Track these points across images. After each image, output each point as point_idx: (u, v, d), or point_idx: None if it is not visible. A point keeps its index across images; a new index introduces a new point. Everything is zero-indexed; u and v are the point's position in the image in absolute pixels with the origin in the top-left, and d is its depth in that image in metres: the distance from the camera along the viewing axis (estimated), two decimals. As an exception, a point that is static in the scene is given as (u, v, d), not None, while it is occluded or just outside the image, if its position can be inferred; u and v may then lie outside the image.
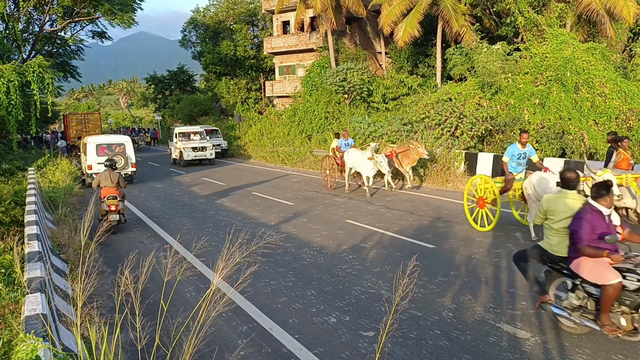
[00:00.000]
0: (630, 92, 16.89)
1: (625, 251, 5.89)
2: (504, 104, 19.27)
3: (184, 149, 27.75)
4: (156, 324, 4.16)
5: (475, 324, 6.41)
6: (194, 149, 27.86)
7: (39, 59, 22.27)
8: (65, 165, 21.52)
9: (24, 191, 14.10)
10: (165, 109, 54.37)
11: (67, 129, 38.20)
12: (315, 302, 7.44)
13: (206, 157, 28.28)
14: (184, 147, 27.84)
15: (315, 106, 30.69)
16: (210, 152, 28.36)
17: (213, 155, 28.59)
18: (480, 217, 11.32)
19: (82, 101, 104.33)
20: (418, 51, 31.52)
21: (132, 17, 33.05)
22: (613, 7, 20.17)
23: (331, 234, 11.49)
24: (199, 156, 28.08)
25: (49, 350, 3.59)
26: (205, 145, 28.38)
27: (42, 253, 6.95)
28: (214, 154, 28.91)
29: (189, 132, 29.61)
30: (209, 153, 28.31)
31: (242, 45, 47.57)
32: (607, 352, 5.55)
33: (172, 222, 13.61)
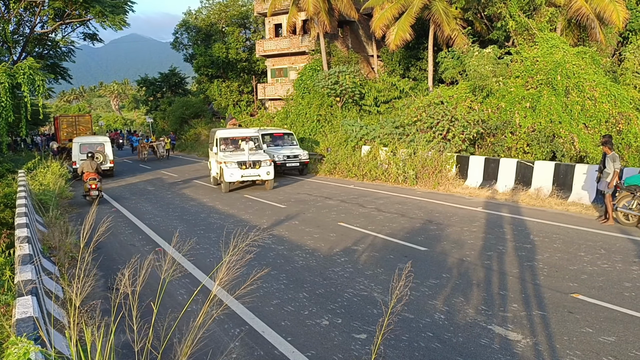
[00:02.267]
0: (619, 95, 17.03)
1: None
2: (495, 107, 19.38)
3: (226, 164, 18.41)
4: (149, 327, 4.14)
5: (467, 326, 6.43)
6: (240, 164, 18.38)
7: (30, 61, 22.14)
8: (55, 167, 21.40)
9: (14, 193, 14.00)
10: (157, 112, 54.15)
11: (57, 131, 38.01)
12: (307, 304, 7.44)
13: (260, 177, 18.71)
14: (227, 161, 18.55)
15: (308, 109, 30.71)
16: (266, 169, 18.66)
17: (271, 175, 18.78)
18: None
19: (72, 103, 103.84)
20: (410, 54, 31.64)
21: (123, 19, 32.90)
22: (603, 12, 20.34)
23: (323, 236, 11.49)
24: (249, 176, 18.60)
25: (40, 353, 3.57)
26: (260, 158, 18.78)
27: (33, 256, 6.91)
28: (273, 173, 19.00)
29: (235, 137, 20.23)
30: (265, 171, 18.61)
31: (234, 47, 47.51)
32: (597, 354, 5.59)
33: (163, 225, 13.56)
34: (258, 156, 18.83)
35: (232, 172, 18.24)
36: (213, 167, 20.53)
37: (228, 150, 19.55)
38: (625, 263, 8.75)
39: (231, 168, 18.27)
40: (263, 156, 19.02)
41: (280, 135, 24.16)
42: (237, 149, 19.66)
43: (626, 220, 11.48)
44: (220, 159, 18.85)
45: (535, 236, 10.79)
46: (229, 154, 19.16)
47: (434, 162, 18.00)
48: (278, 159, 21.71)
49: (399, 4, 26.09)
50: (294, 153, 22.38)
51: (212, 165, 20.71)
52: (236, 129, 22.47)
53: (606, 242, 10.15)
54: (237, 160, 18.41)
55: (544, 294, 7.42)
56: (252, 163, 18.43)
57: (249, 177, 18.54)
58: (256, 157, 18.67)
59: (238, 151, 19.40)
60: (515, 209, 13.70)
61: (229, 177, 18.30)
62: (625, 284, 7.73)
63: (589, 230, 11.19)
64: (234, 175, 18.26)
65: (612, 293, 7.36)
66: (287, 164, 22.09)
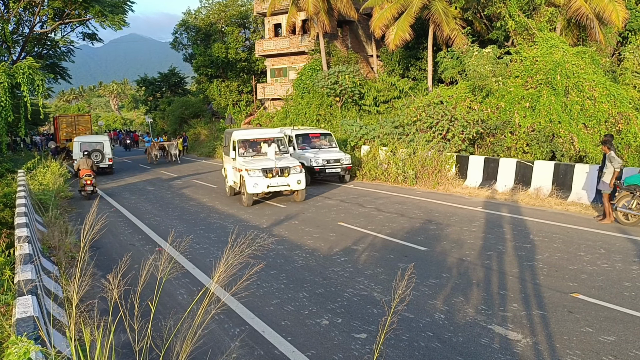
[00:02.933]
0: (619, 95, 17.03)
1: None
2: (494, 107, 19.38)
3: (249, 172, 15.25)
4: (148, 326, 4.14)
5: (467, 326, 6.43)
6: (266, 172, 15.28)
7: (29, 61, 22.14)
8: (55, 167, 21.41)
9: (13, 193, 14.00)
10: (156, 111, 54.16)
11: (57, 131, 38.02)
12: (307, 304, 7.44)
13: (289, 187, 15.67)
14: (249, 168, 15.37)
15: (307, 109, 30.70)
16: (297, 177, 15.61)
17: (302, 185, 15.74)
18: None
19: (72, 103, 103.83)
20: (409, 54, 31.65)
21: (123, 18, 32.88)
22: (602, 12, 20.34)
23: (323, 236, 11.49)
24: (276, 186, 15.47)
25: (40, 352, 3.57)
26: (289, 164, 15.70)
27: (33, 255, 6.91)
28: (304, 182, 15.97)
29: (257, 139, 17.07)
30: (295, 180, 15.58)
31: (233, 47, 47.51)
32: (597, 354, 5.59)
33: (163, 224, 13.56)
34: (286, 161, 15.83)
35: (256, 182, 15.10)
36: (229, 175, 17.40)
37: (248, 155, 16.44)
38: (625, 263, 8.75)
39: (255, 177, 15.14)
40: (292, 161, 15.99)
41: (317, 135, 21.16)
42: (259, 153, 16.70)
43: (626, 220, 11.48)
44: (241, 165, 15.71)
45: (534, 236, 10.79)
46: (250, 160, 16.06)
47: (433, 162, 18.00)
48: (316, 164, 18.91)
49: (398, 4, 26.09)
50: (334, 157, 19.47)
51: (229, 173, 17.55)
52: (256, 129, 19.66)
53: (606, 242, 10.16)
54: (261, 167, 15.26)
55: (543, 294, 7.42)
56: (279, 170, 15.35)
57: (276, 187, 15.39)
58: (284, 163, 15.64)
59: (261, 156, 16.46)
60: (515, 209, 13.71)
61: (252, 187, 15.10)
62: (625, 283, 7.73)
63: (588, 230, 11.19)
64: (259, 185, 15.11)
65: (612, 293, 7.37)
66: (326, 170, 19.20)
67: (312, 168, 18.79)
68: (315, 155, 19.26)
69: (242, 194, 15.88)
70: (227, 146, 18.11)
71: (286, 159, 16.15)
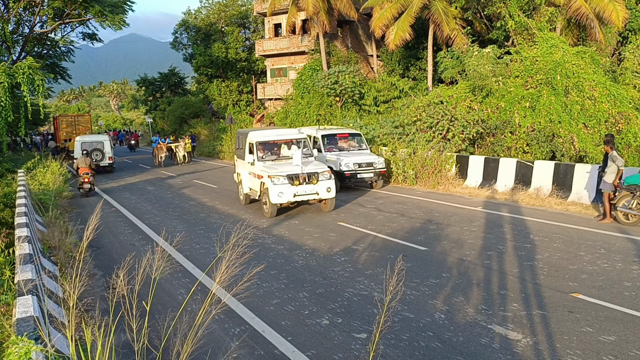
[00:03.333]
0: (619, 95, 17.03)
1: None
2: (494, 107, 19.37)
3: (272, 179, 13.44)
4: (150, 326, 4.14)
5: (467, 326, 6.44)
6: (292, 179, 13.49)
7: (29, 61, 22.12)
8: (55, 167, 21.42)
9: (13, 193, 14.00)
10: (156, 111, 54.13)
11: (57, 130, 38.05)
12: (307, 304, 7.44)
13: (318, 196, 13.81)
14: (272, 174, 13.55)
15: (307, 109, 30.70)
16: (326, 184, 13.81)
17: (332, 192, 13.92)
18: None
19: (72, 103, 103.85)
20: (409, 54, 31.64)
21: (123, 18, 32.86)
22: (602, 12, 20.33)
23: (323, 236, 11.49)
24: (304, 195, 13.66)
25: (41, 352, 3.57)
26: (317, 169, 13.95)
27: (33, 255, 6.91)
28: (334, 189, 14.09)
29: (278, 140, 15.27)
30: (324, 187, 13.77)
31: (233, 47, 47.49)
32: (597, 353, 5.59)
33: (163, 224, 13.55)
34: (313, 166, 14.11)
35: (281, 191, 13.27)
36: (245, 181, 15.65)
37: (269, 159, 14.72)
38: (625, 262, 8.75)
39: (280, 185, 13.31)
40: (320, 166, 14.22)
41: (345, 136, 19.16)
42: (280, 156, 15.00)
43: (626, 219, 11.48)
44: (261, 171, 14.01)
45: (535, 236, 10.79)
46: (272, 165, 14.26)
47: (433, 162, 17.99)
48: (347, 169, 16.94)
49: (398, 4, 26.09)
50: (367, 160, 17.45)
51: (244, 178, 15.75)
52: (273, 130, 17.39)
53: (606, 242, 10.16)
54: (286, 174, 13.47)
55: (544, 294, 7.42)
56: (306, 177, 13.59)
57: (303, 196, 13.58)
58: (312, 168, 13.87)
59: (282, 159, 14.77)
60: (515, 209, 13.71)
61: (276, 197, 13.29)
62: (625, 283, 7.73)
63: (588, 230, 11.19)
64: (284, 194, 13.30)
65: (612, 292, 7.37)
66: (358, 175, 17.16)
67: (341, 173, 16.82)
68: (345, 159, 17.16)
69: (263, 203, 14.14)
70: (241, 148, 16.12)
71: (313, 164, 14.40)
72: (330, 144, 18.53)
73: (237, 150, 17.00)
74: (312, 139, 18.32)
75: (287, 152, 15.02)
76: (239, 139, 16.84)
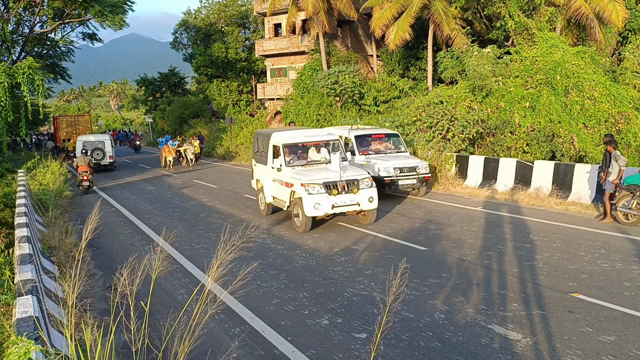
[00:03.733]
0: (619, 95, 17.03)
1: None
2: (494, 107, 19.37)
3: (307, 187, 11.60)
4: (149, 325, 4.15)
5: (467, 326, 6.44)
6: (329, 187, 11.65)
7: (29, 61, 22.11)
8: (55, 167, 21.44)
9: (13, 193, 14.00)
10: (156, 111, 54.15)
11: (57, 130, 38.08)
12: (307, 304, 7.44)
13: (359, 207, 11.87)
14: (305, 182, 11.71)
15: (307, 109, 30.70)
16: (368, 193, 11.95)
17: (374, 203, 12.03)
18: None
19: (72, 103, 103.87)
20: (409, 54, 31.64)
21: (122, 18, 32.85)
22: (602, 11, 20.34)
23: (323, 236, 11.49)
24: (343, 206, 11.72)
25: (41, 352, 3.57)
26: (356, 176, 12.07)
27: (33, 255, 6.91)
28: (377, 198, 12.15)
29: (307, 142, 13.32)
30: (366, 197, 11.89)
31: (233, 47, 47.50)
32: (597, 353, 5.59)
33: (163, 224, 13.55)
34: (352, 172, 12.22)
35: (317, 201, 11.40)
36: (268, 189, 13.74)
37: (298, 164, 12.83)
38: (625, 262, 8.76)
39: (316, 194, 11.48)
40: (359, 172, 12.37)
41: (381, 136, 16.97)
42: (309, 161, 13.09)
43: (626, 219, 11.48)
44: (292, 178, 12.13)
45: (534, 236, 10.80)
46: (302, 170, 12.46)
47: (433, 162, 17.99)
48: (386, 174, 14.94)
49: (398, 4, 26.10)
50: (408, 164, 15.31)
51: (265, 185, 13.83)
52: (298, 130, 14.90)
53: (606, 242, 10.16)
54: (323, 181, 11.65)
55: (543, 294, 7.42)
56: (345, 185, 11.72)
57: (343, 208, 11.67)
58: (350, 174, 12.01)
59: (314, 165, 12.92)
60: (515, 209, 13.71)
61: (312, 209, 11.43)
62: (625, 283, 7.74)
63: (588, 230, 11.19)
64: (322, 205, 11.43)
65: (612, 292, 7.37)
66: (399, 182, 15.06)
67: (380, 180, 14.77)
68: (384, 163, 15.20)
69: (294, 215, 12.17)
70: (261, 151, 14.41)
71: (351, 169, 12.58)
72: (364, 145, 16.44)
73: (255, 154, 15.07)
74: (343, 140, 16.20)
75: (316, 156, 13.18)
76: (258, 140, 14.98)
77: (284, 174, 12.59)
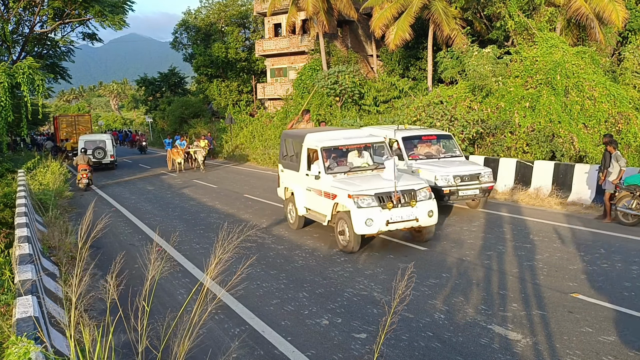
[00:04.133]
0: (619, 95, 17.02)
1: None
2: (494, 107, 19.36)
3: (357, 200, 9.65)
4: (150, 325, 4.15)
5: (467, 326, 6.44)
6: (381, 199, 9.73)
7: (29, 61, 22.12)
8: (55, 167, 21.45)
9: (13, 193, 14.00)
10: (156, 111, 54.17)
11: (57, 130, 38.11)
12: (307, 304, 7.44)
13: (418, 223, 9.88)
14: (354, 193, 9.75)
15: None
16: (427, 205, 10.00)
17: (434, 217, 10.08)
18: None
19: (72, 103, 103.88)
20: (409, 54, 31.63)
21: (122, 18, 32.85)
22: (602, 12, 20.33)
23: (323, 236, 11.49)
24: (399, 222, 9.73)
25: (41, 353, 3.57)
26: (413, 185, 10.19)
27: (33, 255, 6.91)
28: (437, 213, 10.16)
29: (349, 145, 11.42)
30: (426, 210, 9.93)
31: (233, 47, 47.50)
32: (597, 354, 5.59)
33: (163, 224, 13.56)
34: (407, 180, 10.37)
35: (370, 217, 9.49)
36: (300, 198, 11.81)
37: (339, 170, 10.88)
38: (625, 263, 8.75)
39: (367, 208, 9.56)
40: (416, 181, 10.49)
41: (432, 138, 14.67)
42: (352, 167, 11.10)
43: (626, 219, 11.48)
44: (334, 188, 10.29)
45: (534, 236, 10.80)
46: (345, 178, 10.61)
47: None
48: (445, 183, 12.81)
49: (398, 4, 26.09)
50: (470, 171, 13.15)
51: (297, 195, 11.90)
52: (338, 131, 12.55)
53: (606, 242, 10.16)
54: (375, 192, 9.74)
55: (543, 294, 7.42)
56: (401, 196, 9.83)
57: (399, 224, 9.73)
58: (406, 184, 10.14)
59: (358, 172, 10.98)
60: (515, 209, 13.71)
61: (363, 226, 9.51)
62: (625, 283, 7.74)
63: (588, 230, 11.19)
64: (375, 221, 9.51)
65: (612, 292, 7.37)
66: (459, 192, 12.88)
67: (438, 190, 12.55)
68: (441, 170, 12.99)
69: (338, 233, 10.19)
70: (291, 155, 12.52)
71: (405, 177, 10.64)
72: (412, 149, 14.26)
73: (283, 158, 13.13)
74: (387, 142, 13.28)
75: (358, 161, 11.37)
76: (285, 142, 13.03)
77: (323, 183, 10.68)
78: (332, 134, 11.96)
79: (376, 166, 11.21)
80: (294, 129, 14.57)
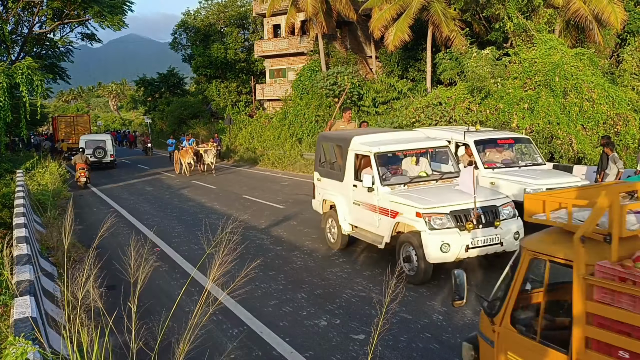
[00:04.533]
0: (617, 97, 17.06)
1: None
2: (493, 108, 19.38)
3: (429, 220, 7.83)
4: (148, 327, 4.15)
5: (465, 327, 6.44)
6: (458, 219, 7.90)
7: (28, 61, 22.10)
8: (53, 167, 21.44)
9: (12, 193, 13.99)
10: (155, 112, 54.14)
11: (55, 131, 38.12)
12: (305, 305, 7.44)
13: (503, 247, 8.15)
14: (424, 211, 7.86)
15: (306, 110, 30.71)
16: (512, 225, 8.27)
17: None
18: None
19: (71, 103, 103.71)
20: (408, 55, 31.64)
21: (121, 19, 32.88)
22: (601, 13, 20.35)
23: (322, 237, 11.47)
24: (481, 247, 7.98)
25: (38, 353, 3.57)
26: (495, 201, 8.36)
27: (31, 256, 6.91)
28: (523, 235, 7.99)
29: (407, 151, 9.44)
30: (512, 232, 8.20)
31: (232, 48, 47.50)
32: (595, 355, 5.59)
33: (162, 225, 13.55)
34: (487, 195, 8.56)
35: (446, 240, 7.75)
36: (343, 213, 9.94)
37: (398, 182, 9.03)
38: (623, 264, 8.74)
39: (442, 230, 7.84)
40: (496, 195, 8.84)
41: (509, 142, 12.22)
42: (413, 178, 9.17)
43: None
44: (393, 203, 8.56)
45: (533, 237, 10.76)
46: (406, 191, 8.77)
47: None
48: None
49: (397, 5, 26.11)
50: (562, 182, 10.36)
51: (340, 209, 10.04)
52: (388, 133, 10.70)
53: (604, 243, 10.13)
54: (450, 209, 7.98)
55: (541, 295, 7.41)
56: (481, 214, 8.03)
57: (482, 249, 8.06)
58: (487, 199, 8.39)
59: (420, 184, 9.10)
60: (514, 210, 13.68)
61: (438, 252, 7.77)
62: (623, 285, 7.72)
63: (586, 232, 11.17)
64: (452, 246, 7.79)
65: (610, 294, 7.36)
66: None
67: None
68: (530, 181, 10.41)
69: (402, 259, 8.23)
70: (331, 162, 10.71)
71: (482, 191, 8.62)
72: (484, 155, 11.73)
73: (321, 164, 11.13)
74: (454, 146, 11.80)
75: (414, 170, 9.50)
76: (323, 147, 11.07)
77: (380, 196, 8.81)
78: (382, 136, 10.09)
79: (441, 176, 9.34)
80: (332, 131, 12.79)
